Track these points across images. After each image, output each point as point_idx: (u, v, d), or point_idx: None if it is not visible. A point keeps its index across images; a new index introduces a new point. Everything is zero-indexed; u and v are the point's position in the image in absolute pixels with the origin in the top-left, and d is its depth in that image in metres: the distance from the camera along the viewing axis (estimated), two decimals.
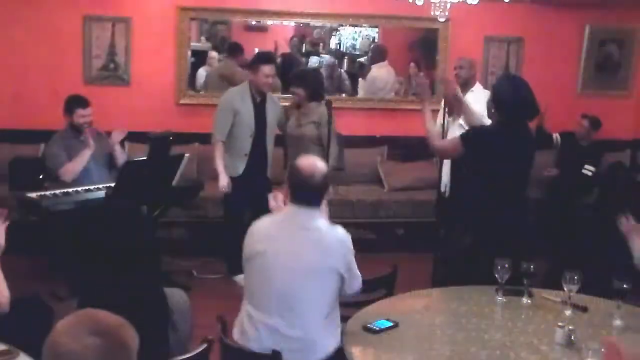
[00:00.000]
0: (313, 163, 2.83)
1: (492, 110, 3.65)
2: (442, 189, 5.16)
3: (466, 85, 5.27)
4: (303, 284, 2.69)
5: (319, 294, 2.72)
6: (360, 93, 7.14)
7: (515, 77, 3.76)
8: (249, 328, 2.77)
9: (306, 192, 2.79)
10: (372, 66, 7.11)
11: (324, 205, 2.88)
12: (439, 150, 4.05)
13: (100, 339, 1.33)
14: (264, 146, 5.16)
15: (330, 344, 2.72)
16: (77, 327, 1.33)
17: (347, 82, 7.33)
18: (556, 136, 6.49)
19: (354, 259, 2.80)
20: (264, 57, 5.26)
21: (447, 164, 5.07)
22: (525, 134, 3.66)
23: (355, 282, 2.83)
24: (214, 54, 7.22)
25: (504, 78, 3.67)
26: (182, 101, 6.46)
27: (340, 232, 2.81)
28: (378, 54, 7.19)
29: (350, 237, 2.81)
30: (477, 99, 5.20)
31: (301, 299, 2.70)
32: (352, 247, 2.80)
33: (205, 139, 5.55)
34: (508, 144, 3.54)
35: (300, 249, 2.72)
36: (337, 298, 2.80)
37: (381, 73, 6.98)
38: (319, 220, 2.80)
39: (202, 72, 7.05)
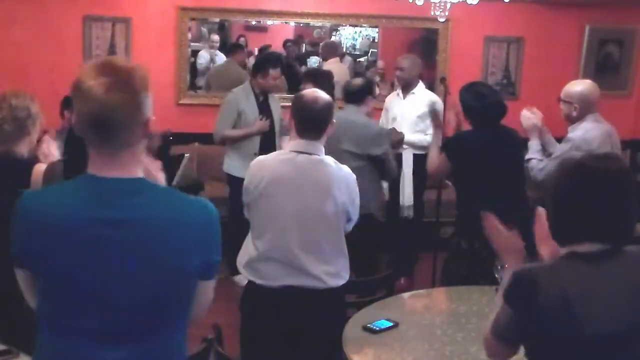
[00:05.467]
0: (315, 91, 2.90)
1: (468, 119, 3.73)
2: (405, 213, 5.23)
3: (408, 87, 5.27)
4: (316, 229, 2.79)
5: (333, 234, 2.84)
6: None
7: (474, 83, 3.81)
8: (262, 266, 2.81)
9: (310, 121, 2.81)
10: (324, 63, 7.07)
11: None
12: (433, 173, 3.98)
13: (110, 78, 1.62)
14: (273, 144, 5.17)
15: (346, 273, 2.89)
16: (94, 69, 1.64)
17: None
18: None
19: (358, 196, 2.91)
20: (273, 61, 5.28)
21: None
22: (505, 133, 3.70)
23: (356, 217, 2.95)
24: (216, 37, 7.23)
25: (464, 89, 3.72)
26: (182, 101, 6.46)
27: (345, 171, 2.89)
28: (329, 50, 7.20)
29: (354, 176, 2.91)
30: (417, 102, 5.22)
31: (317, 241, 2.79)
32: (357, 188, 2.91)
33: (205, 139, 5.55)
34: (488, 144, 3.60)
35: (310, 198, 2.77)
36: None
37: (334, 70, 6.91)
38: (324, 160, 2.84)
39: (203, 54, 7.10)
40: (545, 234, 1.94)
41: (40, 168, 2.81)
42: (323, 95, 2.86)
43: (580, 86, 3.83)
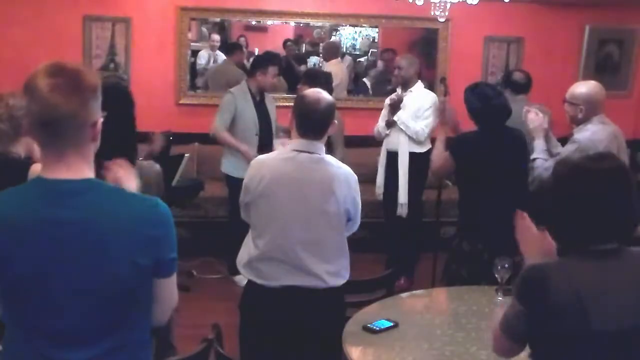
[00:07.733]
0: (318, 92, 2.88)
1: (472, 120, 3.72)
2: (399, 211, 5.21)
3: (406, 85, 5.28)
4: (318, 228, 2.78)
5: (335, 233, 2.83)
6: None
7: (479, 84, 3.79)
8: (263, 266, 2.80)
9: (311, 121, 2.81)
10: (326, 63, 7.04)
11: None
12: (436, 171, 4.01)
13: (56, 78, 1.62)
14: (271, 145, 5.17)
15: (347, 272, 2.89)
16: (44, 69, 1.65)
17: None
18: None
19: (358, 195, 2.90)
20: (273, 58, 5.30)
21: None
22: (510, 134, 3.70)
23: (358, 217, 2.95)
24: (216, 37, 7.24)
25: (468, 91, 3.70)
26: (182, 101, 6.46)
27: (346, 170, 2.87)
28: (330, 51, 7.19)
29: (355, 176, 2.90)
30: (414, 101, 5.21)
31: (319, 239, 2.79)
32: (357, 186, 2.89)
33: (205, 139, 5.55)
34: (493, 145, 3.59)
35: (311, 197, 2.77)
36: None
37: (335, 70, 6.90)
38: (324, 159, 2.84)
39: (204, 54, 7.10)
40: (534, 234, 1.97)
41: (37, 168, 2.81)
42: (326, 95, 2.85)
43: (585, 87, 3.80)
